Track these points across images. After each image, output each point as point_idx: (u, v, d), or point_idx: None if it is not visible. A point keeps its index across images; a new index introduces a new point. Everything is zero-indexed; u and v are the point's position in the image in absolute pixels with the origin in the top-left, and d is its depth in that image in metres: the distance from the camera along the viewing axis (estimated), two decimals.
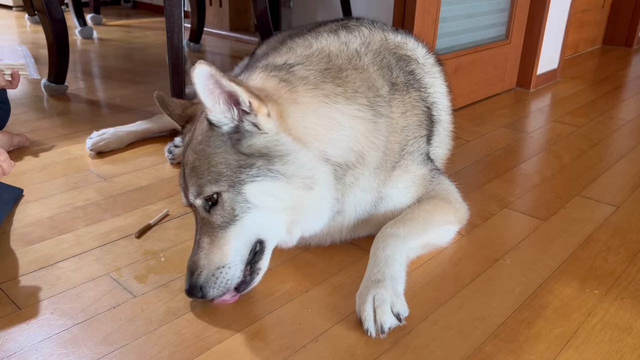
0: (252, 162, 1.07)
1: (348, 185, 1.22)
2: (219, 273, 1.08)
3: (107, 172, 1.76)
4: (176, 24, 1.97)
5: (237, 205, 1.08)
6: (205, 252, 1.08)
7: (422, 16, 2.13)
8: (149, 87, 2.73)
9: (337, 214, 1.25)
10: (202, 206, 1.09)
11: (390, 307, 1.07)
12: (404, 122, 1.34)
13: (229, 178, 1.06)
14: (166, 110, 1.30)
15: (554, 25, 2.89)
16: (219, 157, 1.07)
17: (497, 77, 2.76)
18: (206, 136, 1.10)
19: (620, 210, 1.60)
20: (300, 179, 1.11)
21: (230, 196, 1.07)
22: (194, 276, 1.08)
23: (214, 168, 1.07)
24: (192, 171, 1.10)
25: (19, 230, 1.40)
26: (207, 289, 1.07)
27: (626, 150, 2.08)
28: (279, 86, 1.16)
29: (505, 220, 1.54)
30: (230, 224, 1.08)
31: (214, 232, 1.09)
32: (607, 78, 3.25)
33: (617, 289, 1.23)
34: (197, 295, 1.08)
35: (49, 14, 2.35)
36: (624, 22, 4.12)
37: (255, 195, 1.08)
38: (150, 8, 5.13)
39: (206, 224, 1.10)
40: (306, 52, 1.29)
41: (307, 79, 1.19)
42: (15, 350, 1.00)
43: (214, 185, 1.07)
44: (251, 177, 1.07)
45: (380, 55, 1.37)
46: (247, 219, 1.09)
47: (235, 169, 1.07)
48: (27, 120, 2.18)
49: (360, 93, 1.24)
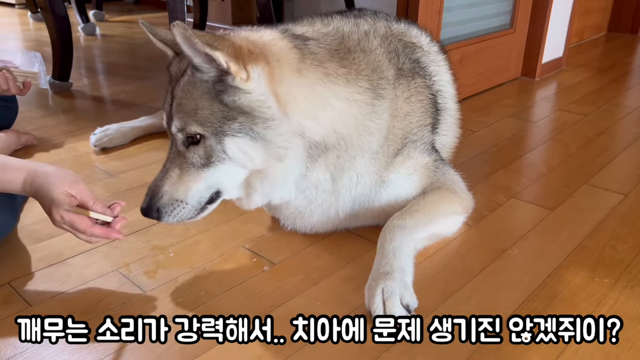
0: (235, 116, 1.09)
1: (339, 167, 1.24)
2: (177, 204, 1.13)
3: (113, 169, 1.76)
4: (179, 18, 1.97)
5: (214, 153, 1.11)
6: (171, 182, 1.13)
7: (426, 6, 2.12)
8: (153, 83, 2.73)
9: (330, 194, 1.27)
10: (182, 140, 1.12)
11: (400, 298, 1.07)
12: (409, 107, 1.34)
13: (212, 125, 1.09)
14: (157, 36, 1.23)
15: (559, 13, 2.86)
16: (205, 102, 1.09)
17: (502, 67, 2.74)
18: (192, 79, 1.11)
19: (628, 198, 1.60)
20: (275, 147, 1.13)
21: (211, 143, 1.10)
22: (154, 199, 1.13)
23: (201, 111, 1.09)
24: (178, 106, 1.11)
25: (27, 227, 1.41)
26: (163, 213, 1.13)
27: (633, 138, 2.07)
28: (291, 51, 1.16)
29: (512, 211, 1.54)
30: (203, 166, 1.12)
31: (185, 166, 1.13)
32: (613, 65, 3.22)
33: (627, 277, 1.23)
34: (152, 216, 1.14)
35: (51, 11, 2.35)
36: (629, 9, 4.08)
37: (233, 150, 1.11)
38: (153, 3, 5.12)
39: (180, 156, 1.14)
40: (323, 30, 1.29)
41: (316, 55, 1.19)
42: (28, 347, 1.01)
43: (199, 126, 1.09)
44: (233, 131, 1.09)
45: (387, 40, 1.37)
46: (219, 168, 1.13)
47: (220, 118, 1.09)
48: (32, 118, 2.19)
49: (364, 76, 1.24)
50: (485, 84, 2.67)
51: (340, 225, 1.36)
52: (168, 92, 1.16)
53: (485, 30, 2.59)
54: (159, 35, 1.22)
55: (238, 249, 1.34)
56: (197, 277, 1.23)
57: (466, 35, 2.49)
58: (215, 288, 1.19)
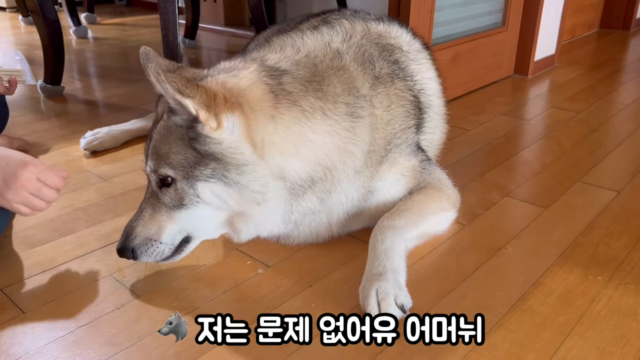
0: (207, 162, 1.10)
1: (326, 191, 1.24)
2: (150, 244, 1.14)
3: (106, 173, 1.76)
4: (171, 20, 1.96)
5: (187, 196, 1.12)
6: (144, 222, 1.15)
7: (418, 6, 2.12)
8: (146, 86, 2.70)
9: (318, 214, 1.26)
10: (155, 181, 1.14)
11: (394, 299, 1.07)
12: (389, 115, 1.33)
13: (184, 170, 1.10)
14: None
15: (551, 10, 2.87)
16: (178, 146, 1.10)
17: (495, 65, 2.75)
18: (168, 123, 1.12)
19: (621, 195, 1.60)
20: (251, 192, 1.13)
21: (183, 186, 1.11)
22: (128, 240, 1.14)
23: (174, 155, 1.10)
24: (154, 148, 1.13)
25: (20, 233, 1.40)
26: (139, 253, 1.14)
27: (626, 135, 2.08)
28: (265, 97, 1.15)
29: (506, 209, 1.54)
30: (175, 208, 1.14)
31: (158, 207, 1.14)
32: (605, 62, 3.23)
33: (621, 274, 1.23)
34: (127, 257, 1.15)
35: (42, 14, 2.33)
36: (621, 5, 4.10)
37: (205, 194, 1.12)
38: (144, 5, 5.10)
39: (154, 196, 1.15)
40: (295, 57, 1.26)
41: (291, 95, 1.17)
42: (21, 354, 1.00)
43: (170, 169, 1.11)
44: (205, 176, 1.10)
45: (362, 49, 1.35)
46: (193, 210, 1.14)
47: (192, 163, 1.10)
48: (25, 123, 2.17)
49: (340, 102, 1.22)
50: (478, 83, 2.67)
51: (331, 235, 1.35)
52: (147, 141, 1.18)
53: (477, 28, 2.59)
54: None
55: (232, 251, 1.33)
56: (191, 281, 1.22)
57: (458, 34, 2.49)
58: (210, 292, 1.18)
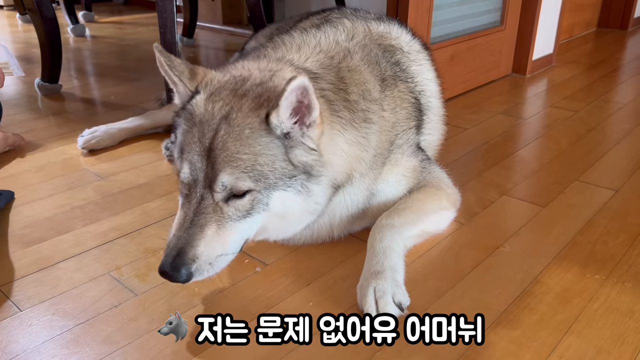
0: (295, 174, 1.07)
1: (335, 195, 1.23)
2: (215, 261, 1.04)
3: (104, 171, 1.75)
4: (169, 19, 1.95)
5: (257, 205, 1.06)
6: (207, 241, 1.02)
7: (416, 5, 2.12)
8: (143, 84, 2.72)
9: (321, 217, 1.25)
10: (223, 196, 1.04)
11: (392, 297, 1.07)
12: (394, 118, 1.34)
13: (267, 181, 1.05)
14: (173, 69, 1.11)
15: (549, 9, 2.87)
16: (268, 158, 1.04)
17: (493, 64, 2.75)
18: (258, 133, 1.04)
19: (619, 194, 1.60)
20: (313, 201, 1.13)
21: (258, 196, 1.05)
22: (185, 260, 1.00)
23: (260, 167, 1.04)
24: (230, 160, 1.02)
25: (17, 232, 1.40)
26: (196, 275, 1.02)
27: (623, 134, 2.08)
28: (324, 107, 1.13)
29: (504, 208, 1.54)
30: (241, 218, 1.06)
31: (222, 221, 1.04)
32: (603, 61, 3.24)
33: (618, 272, 1.23)
34: (180, 281, 1.01)
35: (40, 12, 2.33)
36: (619, 4, 4.10)
37: (276, 202, 1.08)
38: (142, 4, 5.09)
39: (215, 210, 1.04)
40: (317, 57, 1.26)
41: (333, 104, 1.17)
42: (18, 352, 1.00)
43: (252, 182, 1.03)
44: (285, 185, 1.07)
45: (367, 49, 1.36)
46: (256, 218, 1.08)
47: (279, 175, 1.06)
48: (22, 121, 2.17)
49: (359, 110, 1.23)
50: (476, 82, 2.67)
51: (331, 238, 1.35)
52: (195, 140, 1.05)
53: (475, 27, 2.59)
54: (175, 68, 1.12)
55: None
56: None
57: (457, 33, 2.49)
58: (208, 290, 1.18)
